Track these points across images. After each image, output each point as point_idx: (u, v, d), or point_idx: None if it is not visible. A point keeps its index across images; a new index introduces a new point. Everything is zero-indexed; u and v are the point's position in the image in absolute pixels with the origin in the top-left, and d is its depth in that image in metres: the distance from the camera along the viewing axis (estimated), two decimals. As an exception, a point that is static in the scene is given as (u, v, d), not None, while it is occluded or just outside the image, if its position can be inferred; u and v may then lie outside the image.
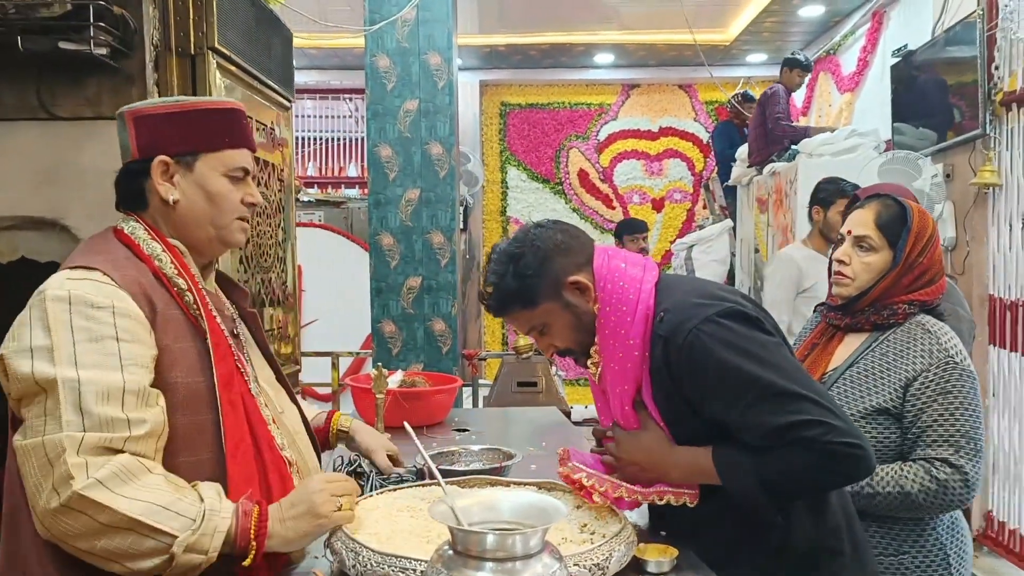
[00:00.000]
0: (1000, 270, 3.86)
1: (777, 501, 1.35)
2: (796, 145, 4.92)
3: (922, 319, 1.75)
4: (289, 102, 2.76)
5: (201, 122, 1.40)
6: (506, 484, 1.55)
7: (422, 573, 1.14)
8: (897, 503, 1.64)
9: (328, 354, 5.07)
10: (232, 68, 2.25)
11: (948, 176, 4.24)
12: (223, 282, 1.56)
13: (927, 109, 4.49)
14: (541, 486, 1.54)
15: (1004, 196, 3.82)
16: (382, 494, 1.52)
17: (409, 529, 1.35)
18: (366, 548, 1.22)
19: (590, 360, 1.49)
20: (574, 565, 1.18)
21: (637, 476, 1.44)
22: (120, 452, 1.19)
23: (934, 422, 1.64)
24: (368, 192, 4.93)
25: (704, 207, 7.73)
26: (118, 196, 1.43)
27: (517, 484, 1.54)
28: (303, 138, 8.44)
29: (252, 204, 1.46)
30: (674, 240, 7.44)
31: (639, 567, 1.30)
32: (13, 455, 1.21)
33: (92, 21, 1.87)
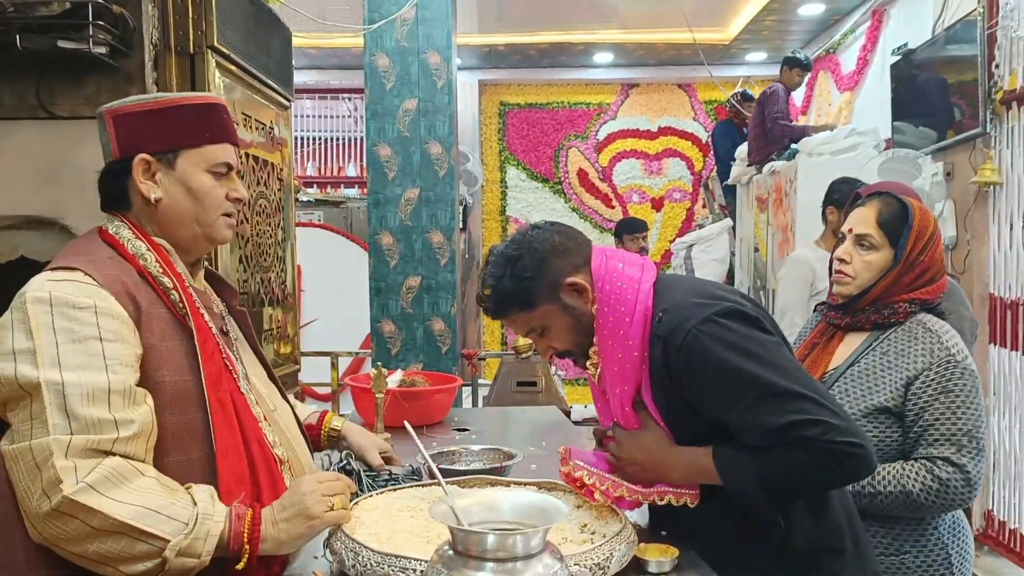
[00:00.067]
0: (1000, 269, 3.85)
1: (778, 501, 1.35)
2: (796, 144, 4.92)
3: (923, 318, 1.74)
4: (288, 101, 2.75)
5: (181, 118, 1.38)
6: (506, 484, 1.54)
7: (422, 573, 1.14)
8: (899, 502, 1.63)
9: (327, 354, 5.08)
10: (231, 67, 2.25)
11: (948, 175, 4.24)
12: (213, 280, 1.55)
13: (927, 108, 4.49)
14: (541, 486, 1.53)
15: (1004, 195, 3.82)
16: (382, 494, 1.51)
17: (409, 529, 1.35)
18: (366, 548, 1.22)
19: (589, 361, 1.48)
20: (575, 565, 1.17)
21: (638, 476, 1.44)
22: (109, 453, 1.18)
23: (936, 421, 1.64)
24: (367, 192, 4.92)
25: (703, 206, 7.73)
26: (102, 197, 1.41)
27: (517, 484, 1.54)
28: (302, 138, 8.45)
29: (238, 200, 1.44)
30: (673, 239, 7.44)
31: (640, 567, 1.30)
32: (1, 460, 1.19)
33: (91, 20, 1.87)
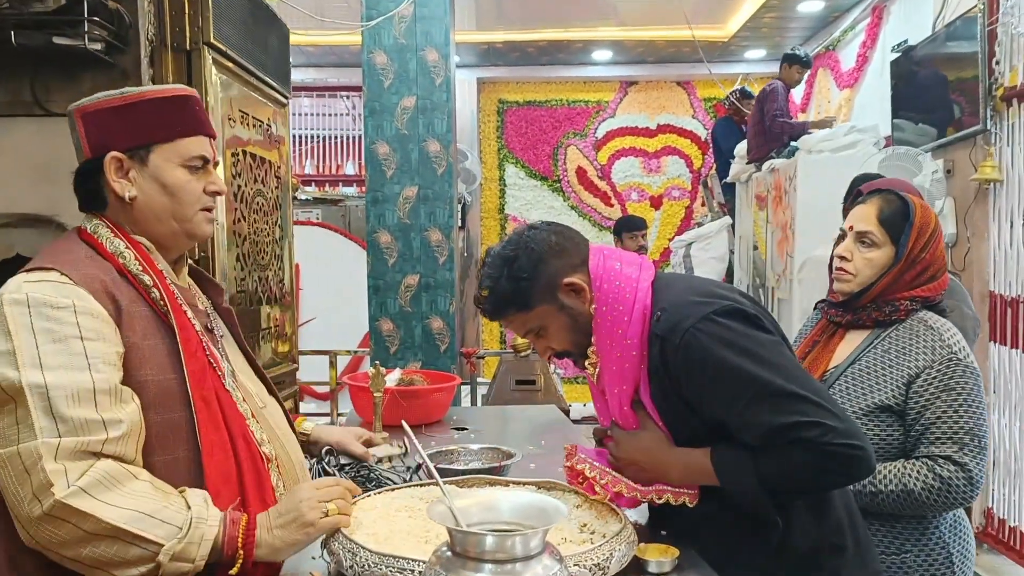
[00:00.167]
0: (1001, 266, 3.85)
1: (777, 501, 1.34)
2: (795, 141, 4.91)
3: (924, 315, 1.73)
4: (286, 99, 2.74)
5: (151, 113, 1.34)
6: (505, 484, 1.53)
7: (420, 574, 1.13)
8: (900, 501, 1.63)
9: (326, 352, 5.07)
10: (228, 64, 2.23)
11: (948, 172, 4.23)
12: (197, 277, 1.53)
13: (927, 105, 4.48)
14: (541, 485, 1.52)
15: (1005, 192, 3.81)
16: (380, 494, 1.50)
17: (407, 529, 1.34)
18: (363, 549, 1.21)
19: (588, 361, 1.47)
20: (574, 565, 1.16)
21: (636, 476, 1.43)
22: (100, 455, 1.17)
23: (937, 419, 1.63)
24: (365, 190, 4.91)
25: (702, 204, 7.72)
26: (78, 197, 1.38)
27: (516, 483, 1.53)
28: (300, 136, 8.43)
29: (216, 193, 1.41)
30: (672, 238, 7.43)
31: (640, 567, 1.29)
32: None
33: (86, 16, 1.85)
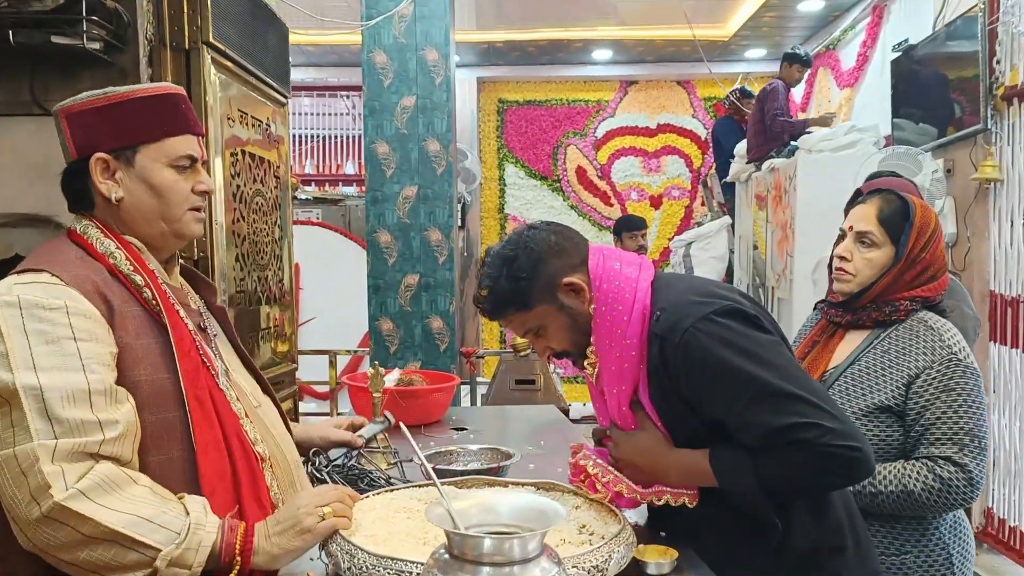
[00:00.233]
0: (1001, 266, 3.84)
1: (777, 502, 1.34)
2: (795, 141, 4.90)
3: (924, 315, 1.73)
4: (285, 98, 2.73)
5: (136, 112, 1.33)
6: (504, 484, 1.53)
7: (418, 576, 1.12)
8: (900, 502, 1.62)
9: (325, 352, 5.07)
10: (227, 63, 2.23)
11: (949, 172, 4.22)
12: (189, 276, 1.52)
13: (927, 104, 4.47)
14: (540, 486, 1.52)
15: (1005, 191, 3.81)
16: (379, 495, 1.50)
17: (406, 531, 1.34)
18: (362, 550, 1.20)
19: (587, 361, 1.47)
20: (573, 567, 1.16)
21: (635, 477, 1.43)
22: (96, 456, 1.16)
23: (937, 420, 1.62)
24: (365, 189, 4.91)
25: (702, 204, 7.72)
26: (66, 198, 1.37)
27: (516, 484, 1.52)
28: (300, 136, 8.43)
29: (204, 192, 1.40)
30: (672, 237, 7.43)
31: (639, 568, 1.28)
32: None
33: (85, 15, 1.84)
